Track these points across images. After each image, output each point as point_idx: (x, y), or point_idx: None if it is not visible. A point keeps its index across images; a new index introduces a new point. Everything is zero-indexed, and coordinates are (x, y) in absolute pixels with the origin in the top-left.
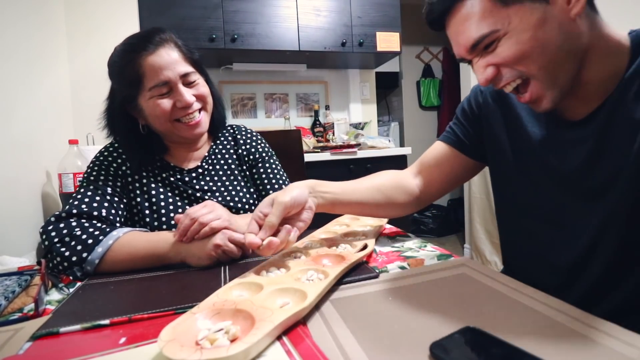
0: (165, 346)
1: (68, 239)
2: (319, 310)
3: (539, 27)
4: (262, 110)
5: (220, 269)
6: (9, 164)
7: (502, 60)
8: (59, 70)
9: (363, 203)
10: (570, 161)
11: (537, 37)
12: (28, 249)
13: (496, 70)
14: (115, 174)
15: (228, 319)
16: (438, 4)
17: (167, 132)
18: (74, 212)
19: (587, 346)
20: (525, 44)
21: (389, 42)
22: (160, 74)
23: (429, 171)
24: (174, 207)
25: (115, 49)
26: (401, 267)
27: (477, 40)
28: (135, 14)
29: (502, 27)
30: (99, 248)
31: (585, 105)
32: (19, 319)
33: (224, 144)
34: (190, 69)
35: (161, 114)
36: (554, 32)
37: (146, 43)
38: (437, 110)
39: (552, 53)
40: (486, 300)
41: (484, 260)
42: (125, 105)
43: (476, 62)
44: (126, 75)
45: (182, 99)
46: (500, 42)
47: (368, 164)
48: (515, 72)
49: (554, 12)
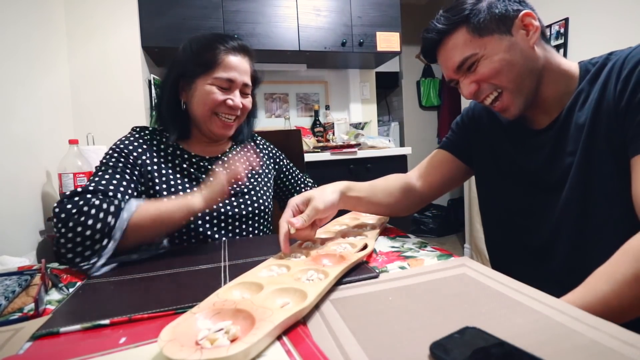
0: (165, 346)
1: (87, 209)
2: (319, 310)
3: (507, 51)
4: (262, 110)
5: (220, 269)
6: (9, 164)
7: (481, 76)
8: (59, 70)
9: (379, 204)
10: (535, 161)
11: (506, 59)
12: (28, 249)
13: (477, 86)
14: (134, 163)
15: (228, 319)
16: (431, 39)
17: (203, 119)
18: (90, 189)
19: (587, 346)
20: (497, 62)
21: (389, 42)
22: (231, 72)
23: (429, 174)
24: None
25: (204, 34)
26: (401, 267)
27: (462, 62)
28: (135, 14)
29: (479, 51)
30: (124, 213)
31: (547, 116)
32: (19, 319)
33: (241, 144)
34: (250, 83)
35: (211, 102)
36: (518, 55)
37: (235, 45)
38: (437, 110)
39: (517, 70)
40: (486, 300)
41: (484, 260)
42: (182, 77)
43: (462, 81)
44: (204, 56)
45: (234, 100)
46: (479, 63)
47: (368, 164)
48: (492, 86)
49: (517, 41)
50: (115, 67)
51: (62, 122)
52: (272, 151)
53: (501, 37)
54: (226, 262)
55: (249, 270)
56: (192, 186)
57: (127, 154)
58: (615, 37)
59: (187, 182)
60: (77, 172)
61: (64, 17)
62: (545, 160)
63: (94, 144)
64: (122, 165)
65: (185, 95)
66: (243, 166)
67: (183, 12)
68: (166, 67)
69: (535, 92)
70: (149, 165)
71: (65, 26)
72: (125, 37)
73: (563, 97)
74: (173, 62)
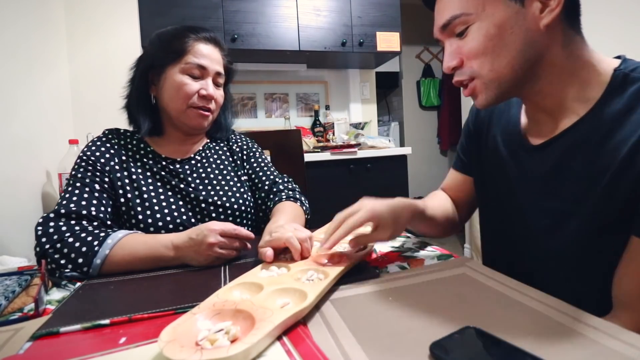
0: (166, 347)
1: (60, 246)
2: (319, 310)
3: (507, 25)
4: (262, 110)
5: (220, 269)
6: (9, 164)
7: (468, 51)
8: (59, 70)
9: (434, 223)
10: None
11: (503, 36)
12: (28, 249)
13: (460, 62)
14: (102, 170)
15: (228, 319)
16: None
17: (177, 113)
18: (62, 212)
19: (587, 346)
20: (490, 39)
21: (389, 42)
22: (201, 58)
23: (453, 197)
24: (166, 202)
25: (173, 26)
26: (401, 267)
27: (448, 21)
28: (136, 14)
29: (474, 11)
30: (97, 260)
31: (554, 122)
32: (19, 318)
33: (218, 142)
34: (223, 73)
35: (184, 95)
36: (520, 35)
37: (207, 35)
38: (437, 110)
39: (510, 55)
40: (486, 300)
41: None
42: (151, 69)
43: (446, 47)
44: (173, 44)
45: (207, 89)
46: (469, 30)
47: (368, 164)
48: (469, 71)
49: (525, 16)
50: (115, 67)
51: (62, 122)
52: (246, 144)
53: (508, 2)
54: (226, 262)
55: (249, 271)
56: (165, 192)
57: (94, 162)
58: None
59: (160, 187)
60: None
61: (64, 17)
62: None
63: None
64: (90, 175)
65: (155, 89)
66: (236, 247)
67: (183, 12)
68: (133, 64)
69: (528, 87)
70: (118, 172)
71: (65, 26)
72: (125, 37)
73: (578, 105)
74: (140, 56)
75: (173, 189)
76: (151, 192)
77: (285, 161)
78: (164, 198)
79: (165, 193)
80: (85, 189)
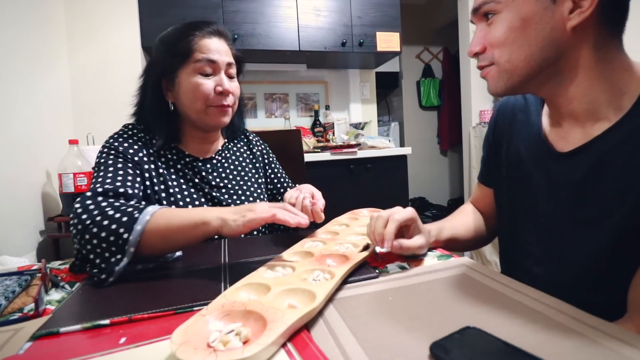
0: (179, 349)
1: (100, 219)
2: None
3: (532, 20)
4: (262, 110)
5: (220, 269)
6: (9, 164)
7: (491, 39)
8: (59, 70)
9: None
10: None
11: (526, 30)
12: (28, 249)
13: (483, 48)
14: (132, 160)
15: (238, 320)
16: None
17: (198, 115)
18: (100, 191)
19: (587, 346)
20: (513, 30)
21: (389, 42)
22: (210, 53)
23: (481, 209)
24: (190, 199)
25: (173, 27)
26: (401, 267)
27: (479, 5)
28: (136, 14)
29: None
30: (137, 226)
31: (582, 128)
32: (19, 319)
33: (236, 142)
34: (233, 62)
35: (202, 95)
36: (543, 32)
37: (210, 29)
38: (437, 110)
39: (529, 50)
40: (486, 300)
41: (484, 260)
42: (163, 77)
43: (476, 31)
44: (178, 46)
45: (222, 85)
46: (496, 18)
47: (368, 164)
48: (489, 57)
49: (553, 14)
50: (115, 67)
51: (62, 122)
52: (265, 148)
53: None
54: (226, 262)
55: (254, 272)
56: (188, 188)
57: (124, 151)
58: None
59: (183, 184)
60: (77, 172)
61: (64, 17)
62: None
63: (94, 144)
64: (122, 160)
65: (171, 95)
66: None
67: (183, 12)
68: (142, 73)
69: (550, 87)
70: (146, 164)
71: (65, 26)
72: (125, 37)
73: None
74: (149, 65)
75: (195, 186)
76: (176, 188)
77: (285, 161)
78: (187, 194)
79: (188, 189)
80: (118, 171)
